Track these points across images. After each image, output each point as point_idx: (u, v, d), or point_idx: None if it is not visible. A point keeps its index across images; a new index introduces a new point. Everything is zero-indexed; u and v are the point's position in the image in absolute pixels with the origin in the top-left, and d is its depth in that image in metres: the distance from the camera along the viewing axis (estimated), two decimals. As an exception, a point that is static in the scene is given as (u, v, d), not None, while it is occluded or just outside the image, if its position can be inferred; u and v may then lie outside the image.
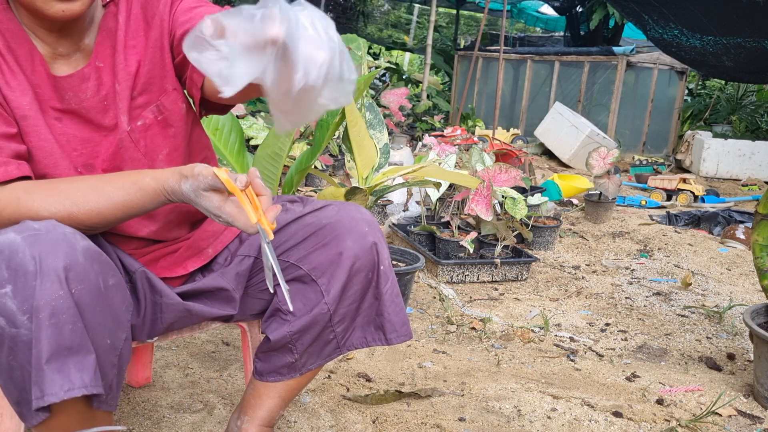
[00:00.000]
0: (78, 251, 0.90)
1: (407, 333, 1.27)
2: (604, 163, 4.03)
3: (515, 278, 2.96)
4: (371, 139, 2.22)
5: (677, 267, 3.35)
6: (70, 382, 0.87)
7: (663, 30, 3.47)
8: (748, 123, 8.26)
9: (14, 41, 1.04)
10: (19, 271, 0.86)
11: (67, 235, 0.91)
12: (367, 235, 1.21)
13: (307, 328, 1.22)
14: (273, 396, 1.31)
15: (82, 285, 0.89)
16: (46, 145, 1.07)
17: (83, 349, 0.89)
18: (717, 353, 2.29)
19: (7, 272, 0.86)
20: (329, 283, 1.20)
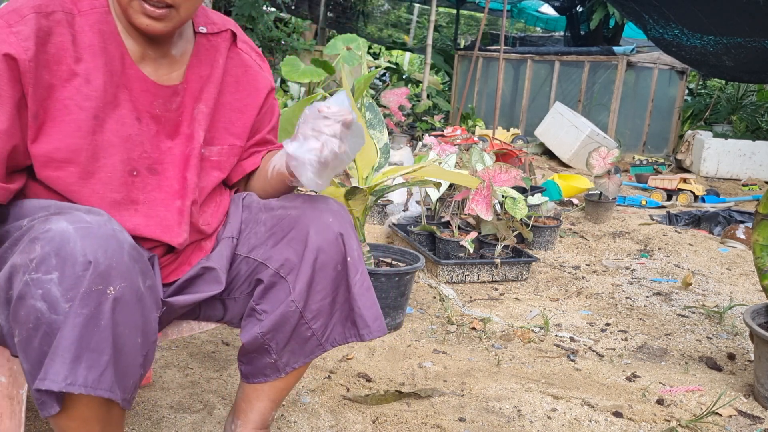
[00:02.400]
0: (125, 250, 0.94)
1: (380, 328, 1.23)
2: (605, 162, 4.02)
3: (515, 278, 2.96)
4: (371, 138, 2.22)
5: (677, 267, 3.35)
6: (74, 376, 0.88)
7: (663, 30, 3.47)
8: (749, 123, 8.26)
9: (110, 42, 1.09)
10: (68, 261, 0.88)
11: (116, 232, 0.94)
12: (331, 226, 1.18)
13: (278, 327, 1.20)
14: (262, 398, 1.30)
15: (125, 283, 0.92)
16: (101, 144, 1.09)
17: (102, 349, 0.90)
18: (717, 353, 2.29)
19: (55, 260, 0.88)
20: (295, 279, 1.18)
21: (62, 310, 0.87)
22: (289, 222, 1.20)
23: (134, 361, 0.96)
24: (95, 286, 0.89)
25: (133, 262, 0.95)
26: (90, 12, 1.07)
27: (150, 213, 1.13)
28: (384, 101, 3.07)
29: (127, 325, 0.93)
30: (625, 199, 4.89)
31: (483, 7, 8.05)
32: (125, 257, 0.93)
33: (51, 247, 0.89)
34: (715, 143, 6.56)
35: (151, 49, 1.13)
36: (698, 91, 9.83)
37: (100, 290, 0.89)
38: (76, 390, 0.88)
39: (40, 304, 0.88)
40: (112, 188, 1.10)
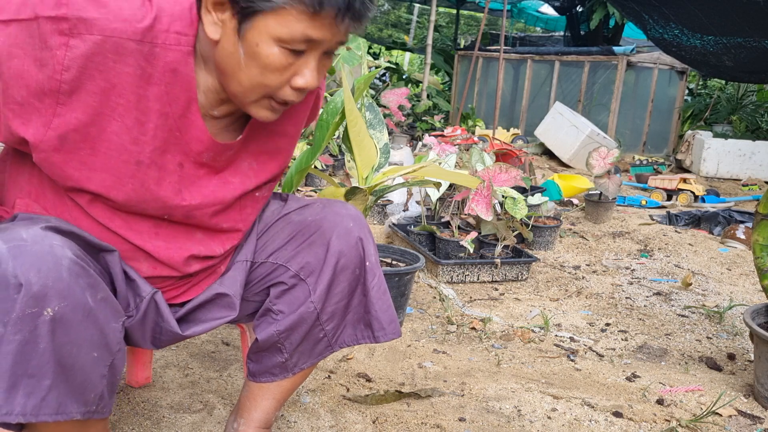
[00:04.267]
0: (63, 267, 0.88)
1: (395, 331, 1.25)
2: (605, 162, 4.02)
3: (515, 278, 2.96)
4: (371, 138, 2.22)
5: (677, 267, 3.35)
6: (10, 405, 0.85)
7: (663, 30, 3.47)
8: (749, 123, 8.26)
9: (179, 86, 0.98)
10: (1, 283, 0.84)
11: (54, 248, 0.88)
12: (352, 231, 1.19)
13: (295, 327, 1.22)
14: (267, 397, 1.31)
15: (65, 302, 0.87)
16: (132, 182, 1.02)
17: (42, 374, 0.87)
18: (717, 353, 2.29)
19: None
20: (316, 281, 1.20)
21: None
22: (309, 227, 1.21)
23: (94, 374, 0.93)
24: (28, 309, 0.84)
25: (74, 277, 0.89)
26: (172, 48, 0.95)
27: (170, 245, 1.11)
28: (384, 101, 3.07)
29: (76, 343, 0.89)
30: (625, 199, 4.89)
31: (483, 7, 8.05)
32: (64, 274, 0.87)
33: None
34: (715, 143, 6.56)
35: (221, 109, 1.05)
36: (698, 91, 9.83)
37: (34, 313, 0.85)
38: (14, 419, 0.85)
39: None
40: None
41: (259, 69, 0.94)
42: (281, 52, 0.92)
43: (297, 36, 0.91)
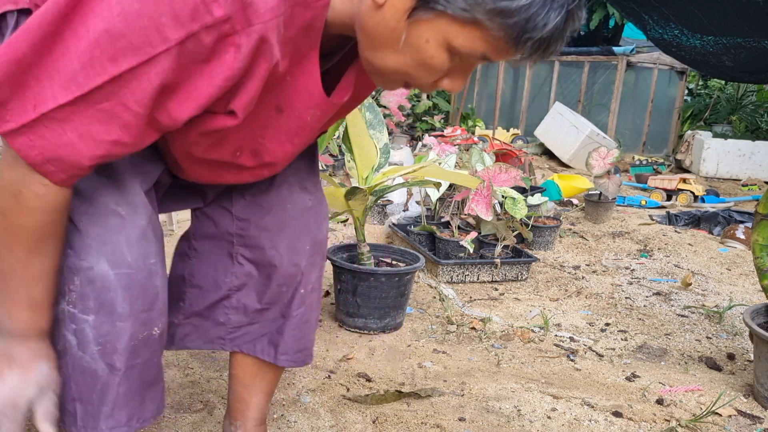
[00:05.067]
0: (160, 290, 0.96)
1: (301, 360, 1.25)
2: (604, 163, 4.03)
3: (515, 278, 2.96)
4: (371, 139, 2.22)
5: (677, 267, 3.35)
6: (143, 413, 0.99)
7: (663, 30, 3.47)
8: (748, 123, 8.26)
9: (307, 41, 0.89)
10: (106, 307, 0.89)
11: (152, 275, 0.94)
12: (301, 253, 1.19)
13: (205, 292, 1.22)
14: (256, 393, 1.30)
15: (164, 317, 0.98)
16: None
17: (157, 378, 1.00)
18: (717, 353, 2.29)
19: (93, 303, 0.89)
20: (248, 274, 1.20)
21: (91, 352, 0.90)
22: (281, 222, 1.20)
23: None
24: (140, 335, 0.93)
25: (165, 292, 0.98)
26: (312, 5, 0.85)
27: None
28: (384, 101, 3.07)
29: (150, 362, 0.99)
30: (624, 199, 4.89)
31: (483, 8, 8.02)
32: (161, 296, 0.96)
33: (90, 289, 0.89)
34: (715, 143, 6.56)
35: (341, 67, 0.99)
36: (698, 91, 9.83)
37: (145, 336, 0.94)
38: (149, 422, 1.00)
39: (71, 337, 0.90)
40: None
41: (415, 62, 0.84)
42: (448, 57, 0.83)
43: (476, 53, 0.82)
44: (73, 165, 0.81)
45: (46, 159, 0.79)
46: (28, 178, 0.81)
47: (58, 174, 0.81)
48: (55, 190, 0.83)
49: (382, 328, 2.23)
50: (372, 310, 2.19)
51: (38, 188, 0.81)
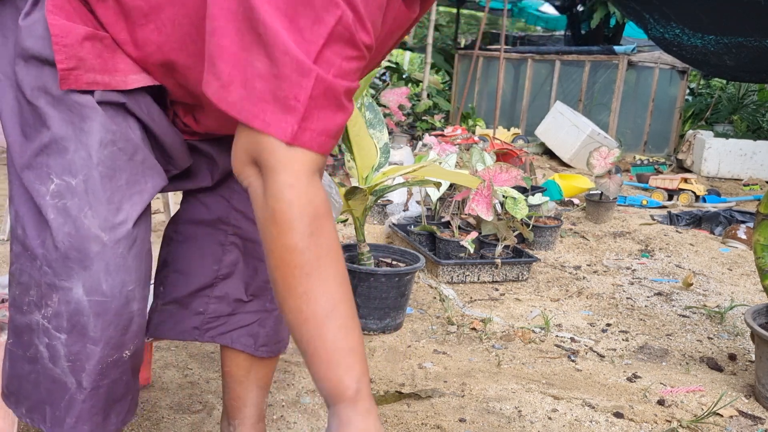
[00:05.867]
0: (135, 322, 0.95)
1: (277, 350, 1.25)
2: (605, 162, 4.02)
3: (516, 278, 2.95)
4: (371, 138, 2.22)
5: (678, 267, 3.34)
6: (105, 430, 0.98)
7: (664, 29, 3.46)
8: (750, 123, 8.25)
9: None
10: (78, 330, 0.90)
11: (129, 301, 0.93)
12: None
13: (188, 278, 1.20)
14: (252, 389, 1.28)
15: (137, 340, 0.98)
16: None
17: (126, 394, 1.00)
18: (718, 353, 2.28)
19: (67, 324, 0.90)
20: (235, 264, 1.19)
21: (61, 366, 0.91)
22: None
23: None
24: (109, 358, 0.93)
25: (143, 317, 0.98)
26: None
27: None
28: (384, 101, 3.07)
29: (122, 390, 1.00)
30: (625, 199, 4.88)
31: (483, 7, 8.05)
32: (136, 320, 0.95)
33: (65, 309, 0.90)
34: (716, 143, 6.55)
35: None
36: (699, 90, 9.82)
37: (115, 359, 0.94)
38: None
39: (43, 349, 0.92)
40: None
41: None
42: None
43: None
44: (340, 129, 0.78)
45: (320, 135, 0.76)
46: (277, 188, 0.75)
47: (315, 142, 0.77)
48: (311, 186, 0.76)
49: (382, 328, 2.22)
50: (372, 310, 2.19)
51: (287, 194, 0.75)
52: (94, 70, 0.89)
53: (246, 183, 0.80)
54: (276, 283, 0.77)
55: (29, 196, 0.91)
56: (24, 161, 0.91)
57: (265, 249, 0.78)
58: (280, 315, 1.23)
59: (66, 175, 0.89)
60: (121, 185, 0.92)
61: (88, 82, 0.89)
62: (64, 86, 0.88)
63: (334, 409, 0.76)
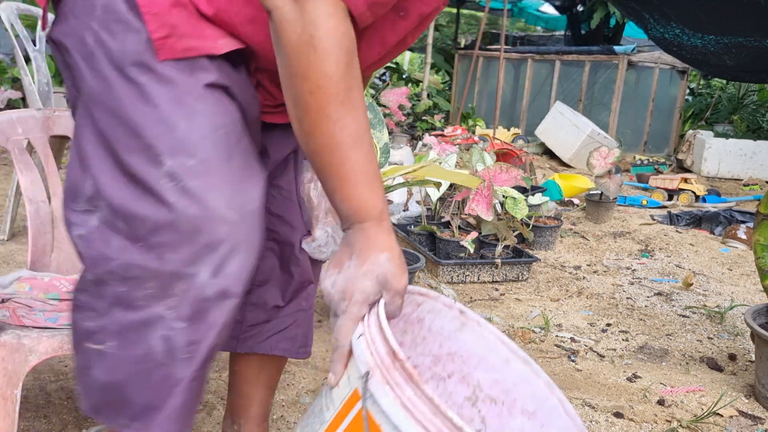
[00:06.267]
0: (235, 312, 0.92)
1: (309, 349, 1.25)
2: (605, 162, 4.02)
3: (516, 278, 2.95)
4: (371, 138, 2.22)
5: (678, 267, 3.34)
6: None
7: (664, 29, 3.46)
8: (750, 122, 8.25)
9: None
10: (200, 317, 0.85)
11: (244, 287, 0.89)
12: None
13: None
14: (260, 389, 1.26)
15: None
16: None
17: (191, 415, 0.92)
18: (718, 353, 2.28)
19: (190, 311, 0.84)
20: (272, 270, 1.18)
21: (177, 359, 0.85)
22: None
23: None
24: (214, 345, 0.88)
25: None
26: None
27: None
28: (384, 101, 3.07)
29: None
30: (625, 199, 4.88)
31: (483, 6, 8.05)
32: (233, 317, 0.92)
33: (191, 295, 0.84)
34: (716, 143, 6.55)
35: None
36: (699, 90, 9.82)
37: (215, 347, 0.88)
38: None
39: (157, 343, 0.84)
40: None
41: None
42: None
43: None
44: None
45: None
46: (317, 15, 0.76)
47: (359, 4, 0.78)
48: (346, 21, 0.78)
49: (382, 328, 2.22)
50: (372, 310, 2.19)
51: (330, 22, 0.76)
52: (186, 36, 0.84)
53: (271, 3, 0.78)
54: (308, 109, 0.79)
55: (128, 183, 0.83)
56: (124, 144, 0.83)
57: (296, 74, 0.78)
58: (310, 314, 1.22)
59: (181, 156, 0.83)
60: (238, 167, 0.88)
61: (183, 48, 0.83)
62: (161, 56, 0.82)
63: (360, 226, 0.82)
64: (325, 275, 0.84)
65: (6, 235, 2.86)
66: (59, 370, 1.77)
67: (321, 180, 0.83)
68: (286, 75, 0.80)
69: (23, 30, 2.83)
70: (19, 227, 2.96)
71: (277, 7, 0.77)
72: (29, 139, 1.53)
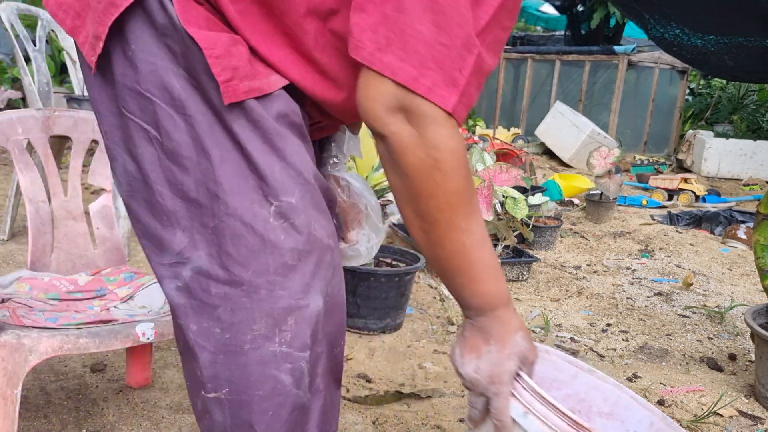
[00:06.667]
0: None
1: None
2: (605, 162, 4.02)
3: (516, 278, 2.95)
4: (371, 138, 2.22)
5: (678, 267, 3.34)
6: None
7: (664, 29, 3.46)
8: (750, 122, 8.25)
9: None
10: (316, 340, 0.87)
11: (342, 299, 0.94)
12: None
13: None
14: None
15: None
16: None
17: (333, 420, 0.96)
18: (718, 353, 2.28)
19: (310, 339, 0.86)
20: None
21: (303, 387, 0.87)
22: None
23: None
24: (331, 364, 0.91)
25: None
26: None
27: None
28: (384, 101, 3.07)
29: None
30: (625, 199, 4.88)
31: (483, 7, 8.03)
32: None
33: (307, 325, 0.86)
34: (716, 143, 6.55)
35: None
36: (699, 90, 9.82)
37: (332, 368, 0.92)
38: None
39: (285, 377, 0.85)
40: None
41: None
42: None
43: None
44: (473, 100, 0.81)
45: (467, 108, 0.79)
46: (439, 139, 0.78)
47: (463, 114, 0.80)
48: (461, 136, 0.81)
49: (382, 328, 2.22)
50: (372, 310, 2.19)
51: (450, 143, 0.79)
52: (247, 77, 0.83)
53: (386, 129, 0.80)
54: (435, 223, 0.83)
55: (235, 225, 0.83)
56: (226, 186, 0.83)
57: (422, 194, 0.81)
58: None
59: (284, 196, 0.84)
60: (320, 196, 0.91)
61: (245, 90, 0.82)
62: (227, 100, 0.81)
63: (493, 314, 0.87)
64: (463, 362, 0.87)
65: (6, 235, 2.86)
66: (59, 370, 1.77)
67: (446, 279, 0.87)
68: (407, 193, 0.83)
69: (23, 30, 2.83)
70: (19, 227, 2.96)
71: (394, 133, 0.79)
72: (29, 139, 1.53)
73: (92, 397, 1.65)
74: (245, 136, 0.82)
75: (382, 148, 0.83)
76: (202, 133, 0.82)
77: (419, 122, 0.78)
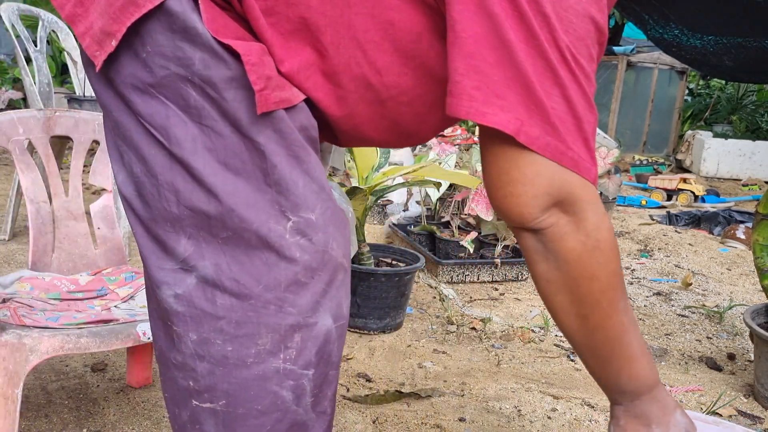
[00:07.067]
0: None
1: None
2: (605, 162, 4.02)
3: (515, 278, 2.96)
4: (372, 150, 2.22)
5: (677, 267, 3.35)
6: None
7: (663, 30, 3.47)
8: (749, 123, 8.26)
9: None
10: (324, 359, 0.86)
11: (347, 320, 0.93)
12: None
13: None
14: None
15: None
16: None
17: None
18: (717, 353, 2.28)
19: (314, 357, 0.84)
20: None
21: (304, 405, 0.85)
22: None
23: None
24: (336, 384, 0.90)
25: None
26: None
27: None
28: (384, 101, 3.07)
29: None
30: (625, 199, 4.89)
31: (483, 7, 8.02)
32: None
33: (312, 344, 0.84)
34: (715, 143, 6.56)
35: None
36: (698, 91, 9.82)
37: (337, 387, 0.91)
38: None
39: (286, 393, 0.84)
40: None
41: None
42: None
43: None
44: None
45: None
46: (598, 219, 0.79)
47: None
48: (607, 215, 0.82)
49: (382, 328, 2.23)
50: (372, 310, 2.19)
51: (606, 221, 0.79)
52: (278, 87, 0.80)
53: (545, 224, 0.79)
54: (597, 305, 0.82)
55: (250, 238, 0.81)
56: (241, 199, 0.80)
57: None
58: None
59: (304, 211, 0.82)
60: (340, 216, 0.90)
61: (275, 101, 0.80)
62: (260, 109, 0.78)
63: (650, 396, 0.86)
64: None
65: (7, 235, 2.86)
66: (60, 369, 1.77)
67: (600, 366, 0.86)
68: (565, 279, 0.82)
69: (24, 30, 2.84)
70: (20, 227, 2.96)
71: (553, 224, 0.79)
72: (30, 139, 1.53)
73: (93, 396, 1.66)
74: (270, 148, 0.79)
75: (531, 241, 0.82)
76: (217, 144, 0.79)
77: (582, 207, 0.78)
